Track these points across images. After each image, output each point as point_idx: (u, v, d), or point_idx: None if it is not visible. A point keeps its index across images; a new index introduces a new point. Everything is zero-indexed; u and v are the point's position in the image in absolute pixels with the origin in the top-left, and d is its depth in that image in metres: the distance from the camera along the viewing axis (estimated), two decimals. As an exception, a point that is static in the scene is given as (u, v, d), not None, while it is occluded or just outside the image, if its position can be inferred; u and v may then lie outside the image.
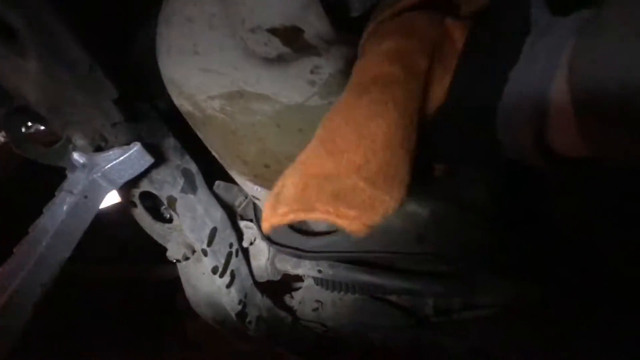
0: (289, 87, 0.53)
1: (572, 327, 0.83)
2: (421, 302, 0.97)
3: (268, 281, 0.97)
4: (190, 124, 0.66)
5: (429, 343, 0.97)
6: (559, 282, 0.79)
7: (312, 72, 0.51)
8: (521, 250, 0.79)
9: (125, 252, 1.23)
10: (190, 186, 0.77)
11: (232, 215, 0.88)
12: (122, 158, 0.64)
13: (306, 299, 1.06)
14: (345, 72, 0.51)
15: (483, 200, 0.77)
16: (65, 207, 0.62)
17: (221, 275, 0.81)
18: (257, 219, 0.88)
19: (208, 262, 0.79)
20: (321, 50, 0.48)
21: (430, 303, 0.96)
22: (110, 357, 1.17)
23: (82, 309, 1.20)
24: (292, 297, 1.09)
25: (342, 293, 0.96)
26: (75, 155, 0.64)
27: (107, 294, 1.23)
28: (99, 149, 0.66)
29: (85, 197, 0.63)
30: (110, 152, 0.65)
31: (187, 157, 0.77)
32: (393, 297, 0.98)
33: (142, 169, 0.67)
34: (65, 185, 0.64)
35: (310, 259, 0.86)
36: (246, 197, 0.93)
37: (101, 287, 1.23)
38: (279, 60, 0.50)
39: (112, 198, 1.17)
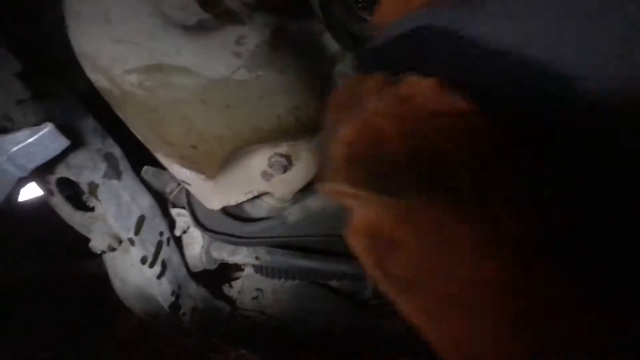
0: (213, 59, 0.50)
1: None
2: (361, 286, 0.98)
3: (205, 271, 0.94)
4: (109, 102, 0.61)
5: (369, 326, 0.98)
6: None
7: (237, 42, 0.48)
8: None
9: (46, 248, 1.14)
10: (113, 171, 0.71)
11: (163, 203, 0.83)
12: (31, 140, 0.58)
13: (246, 287, 1.04)
14: (272, 42, 0.49)
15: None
16: (-38, 195, 0.56)
17: (151, 266, 0.77)
18: (189, 206, 0.84)
19: (136, 252, 0.75)
20: (244, 18, 0.45)
21: (370, 287, 0.97)
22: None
23: (1, 313, 1.11)
24: (231, 286, 1.06)
25: (282, 280, 0.94)
26: (-24, 138, 0.57)
27: (29, 295, 1.14)
28: (4, 130, 0.60)
29: (-12, 183, 0.57)
30: (18, 134, 0.58)
31: (110, 140, 0.72)
32: (333, 282, 0.98)
33: (56, 153, 0.61)
34: (-36, 170, 0.58)
35: (247, 244, 0.84)
36: (178, 184, 0.88)
37: (22, 287, 1.13)
38: (200, 28, 0.47)
39: (28, 192, 1.09)
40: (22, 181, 0.61)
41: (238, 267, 1.08)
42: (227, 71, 0.50)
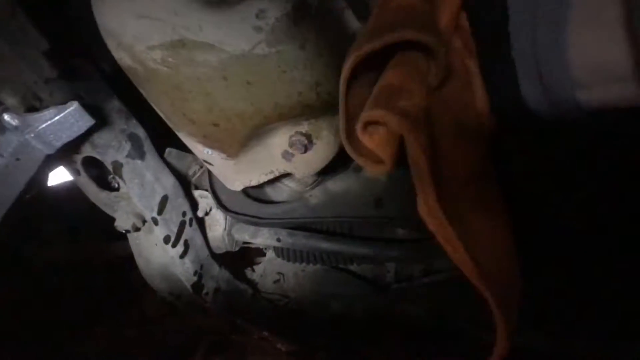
0: (234, 33, 0.49)
1: (528, 285, 0.85)
2: (382, 270, 0.97)
3: (227, 254, 0.95)
4: (132, 81, 0.62)
5: (390, 310, 0.98)
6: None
7: (257, 16, 0.48)
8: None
9: (75, 231, 1.17)
10: (137, 151, 0.72)
11: (186, 184, 0.84)
12: (57, 118, 0.60)
13: (267, 271, 1.05)
14: (292, 17, 0.48)
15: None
16: (-7, 170, 0.57)
17: (174, 245, 0.78)
18: (212, 188, 0.84)
19: (159, 232, 0.76)
20: (264, -10, 0.45)
21: (391, 271, 0.96)
22: (70, 340, 1.12)
23: (35, 294, 1.15)
24: (253, 270, 1.08)
25: (303, 264, 0.95)
26: (6, 117, 0.59)
27: (61, 276, 1.17)
28: (32, 109, 0.61)
29: (17, 159, 0.59)
30: (45, 112, 0.60)
31: (134, 121, 0.73)
32: (354, 267, 0.97)
33: (82, 131, 0.62)
34: (-6, 147, 0.60)
35: (268, 226, 0.84)
36: (201, 167, 0.89)
37: (54, 269, 1.17)
38: (221, 3, 0.47)
39: (59, 176, 1.12)
40: (49, 159, 0.62)
41: (260, 252, 1.09)
42: (248, 46, 0.50)
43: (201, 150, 0.68)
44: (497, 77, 0.39)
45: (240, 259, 1.06)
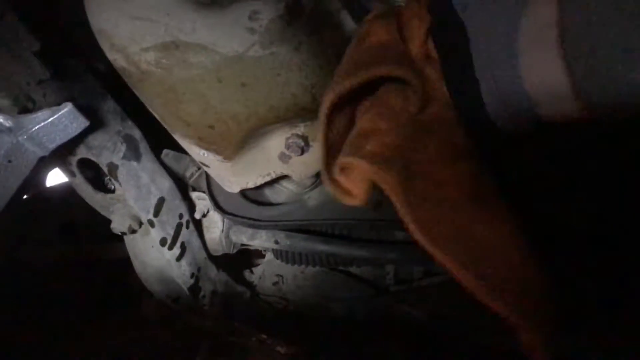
0: (227, 35, 0.49)
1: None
2: (381, 272, 0.96)
3: (226, 256, 0.94)
4: (127, 82, 0.61)
5: (390, 312, 0.97)
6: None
7: (250, 18, 0.47)
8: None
9: (72, 232, 1.16)
10: (133, 153, 0.72)
11: (183, 186, 0.83)
12: (51, 119, 0.59)
13: (266, 273, 1.04)
14: (286, 17, 0.47)
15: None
16: (-15, 173, 0.57)
17: (170, 248, 0.77)
18: (209, 190, 0.84)
19: (156, 234, 0.75)
20: (257, -9, 0.44)
21: (391, 273, 0.95)
22: (67, 342, 1.11)
23: (31, 296, 1.14)
24: (252, 272, 1.07)
25: (302, 266, 0.94)
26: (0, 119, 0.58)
27: (57, 278, 1.17)
28: (25, 110, 0.60)
29: (9, 161, 0.58)
30: (38, 114, 0.59)
31: (129, 123, 0.72)
32: (353, 269, 0.97)
33: (76, 133, 0.62)
34: (-14, 149, 0.59)
35: (266, 228, 0.83)
36: (198, 169, 0.88)
37: (50, 270, 1.17)
38: (214, 4, 0.46)
39: (55, 178, 1.11)
40: (43, 161, 0.62)
41: (259, 254, 1.08)
42: (242, 47, 0.49)
43: (197, 152, 0.67)
44: (464, 98, 0.40)
45: (239, 260, 1.05)
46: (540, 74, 0.35)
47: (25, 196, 1.03)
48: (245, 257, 1.08)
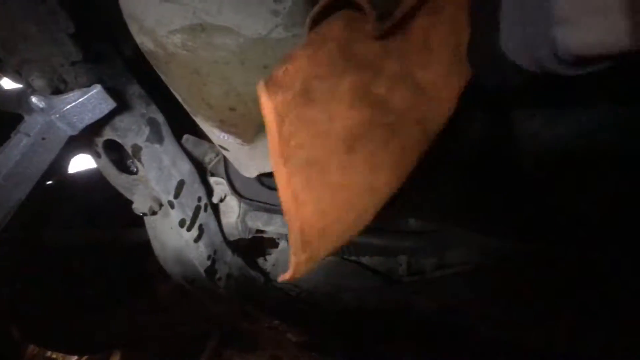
0: (252, 17, 0.51)
1: (542, 284, 0.85)
2: (394, 263, 0.97)
3: (241, 241, 0.96)
4: (153, 65, 0.64)
5: (401, 303, 0.98)
6: (529, 236, 0.80)
7: (275, 0, 0.49)
8: (490, 205, 0.79)
9: (95, 216, 1.20)
10: (156, 136, 0.74)
11: (202, 171, 0.86)
12: (81, 100, 0.62)
13: (280, 261, 1.06)
14: (309, 0, 0.49)
15: (452, 157, 0.77)
16: (20, 148, 0.60)
17: (189, 229, 0.80)
18: (227, 175, 0.86)
19: (175, 215, 0.78)
20: (283, -26, 0.46)
21: (403, 264, 0.96)
22: (80, 321, 1.15)
23: (52, 275, 1.18)
24: (265, 260, 1.09)
25: (315, 255, 0.95)
26: (34, 99, 0.62)
27: (78, 259, 1.21)
28: (57, 91, 0.64)
29: (43, 139, 0.61)
30: (70, 95, 0.63)
31: (154, 107, 0.75)
32: (366, 259, 0.98)
33: (103, 114, 0.65)
34: (22, 127, 0.62)
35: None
36: (217, 155, 0.91)
37: (72, 252, 1.20)
38: (240, -14, 0.48)
39: (80, 163, 1.15)
40: (72, 140, 0.65)
41: (273, 243, 1.10)
42: (265, 30, 0.51)
43: (217, 135, 0.69)
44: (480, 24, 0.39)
45: (254, 248, 1.07)
46: (591, 40, 0.28)
47: (50, 181, 1.07)
48: (260, 246, 1.10)
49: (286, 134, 0.37)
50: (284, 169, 0.37)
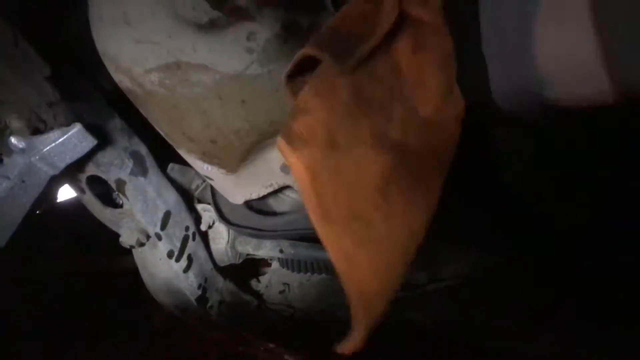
0: (227, 55, 0.51)
1: (534, 295, 0.85)
2: (386, 279, 0.97)
3: (232, 266, 0.96)
4: (132, 102, 0.64)
5: (395, 318, 0.98)
6: (517, 248, 0.80)
7: (248, 38, 0.49)
8: (477, 219, 0.80)
9: (85, 244, 1.19)
10: (140, 168, 0.74)
11: (189, 199, 0.86)
12: (61, 140, 0.62)
13: (273, 282, 1.06)
14: (282, 36, 0.50)
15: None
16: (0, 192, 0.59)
17: (177, 260, 0.79)
18: (214, 201, 0.86)
19: (163, 247, 0.77)
20: (254, 14, 0.46)
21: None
22: (78, 351, 1.14)
23: (43, 304, 1.17)
24: (258, 281, 1.08)
25: (308, 274, 0.95)
26: (13, 140, 0.61)
27: (69, 288, 1.20)
28: (37, 131, 0.63)
29: (23, 181, 0.61)
30: (49, 134, 0.62)
31: (136, 139, 0.74)
32: (359, 276, 0.98)
33: (85, 152, 0.64)
34: (1, 170, 0.61)
35: (271, 238, 0.85)
36: (203, 181, 0.91)
37: (63, 281, 1.19)
38: (212, 26, 0.49)
39: (69, 192, 1.14)
40: (54, 179, 0.64)
41: (265, 263, 1.10)
42: (241, 66, 0.51)
43: (201, 167, 0.69)
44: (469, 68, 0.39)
45: (246, 270, 1.07)
46: (560, 48, 0.29)
47: (37, 212, 1.06)
48: (252, 266, 1.10)
49: (321, 190, 0.36)
50: (329, 227, 0.36)
